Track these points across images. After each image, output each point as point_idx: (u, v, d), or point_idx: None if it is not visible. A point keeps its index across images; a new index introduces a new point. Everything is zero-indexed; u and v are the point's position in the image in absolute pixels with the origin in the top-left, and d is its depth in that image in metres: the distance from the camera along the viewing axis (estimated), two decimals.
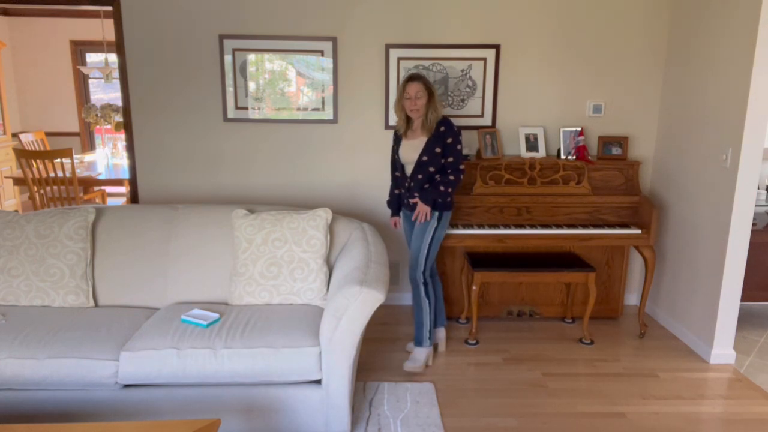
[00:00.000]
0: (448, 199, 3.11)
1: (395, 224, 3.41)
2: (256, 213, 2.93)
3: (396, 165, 3.26)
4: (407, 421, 2.71)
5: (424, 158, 3.05)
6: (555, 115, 3.94)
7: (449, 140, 3.05)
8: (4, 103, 6.82)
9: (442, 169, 3.08)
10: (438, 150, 3.04)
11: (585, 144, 3.80)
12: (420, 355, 3.19)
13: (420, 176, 3.09)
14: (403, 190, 3.23)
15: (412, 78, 3.01)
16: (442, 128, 3.05)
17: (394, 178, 3.34)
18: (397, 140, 3.23)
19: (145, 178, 3.97)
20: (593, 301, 3.52)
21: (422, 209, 3.06)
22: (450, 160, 3.06)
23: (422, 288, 3.16)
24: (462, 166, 3.10)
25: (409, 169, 3.14)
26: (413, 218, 3.11)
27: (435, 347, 3.43)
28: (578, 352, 3.48)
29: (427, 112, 3.02)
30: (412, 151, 3.10)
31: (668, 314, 3.84)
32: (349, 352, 2.43)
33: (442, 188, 3.06)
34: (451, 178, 3.07)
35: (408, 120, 3.12)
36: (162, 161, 3.93)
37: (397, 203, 3.36)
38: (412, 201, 3.13)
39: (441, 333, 3.46)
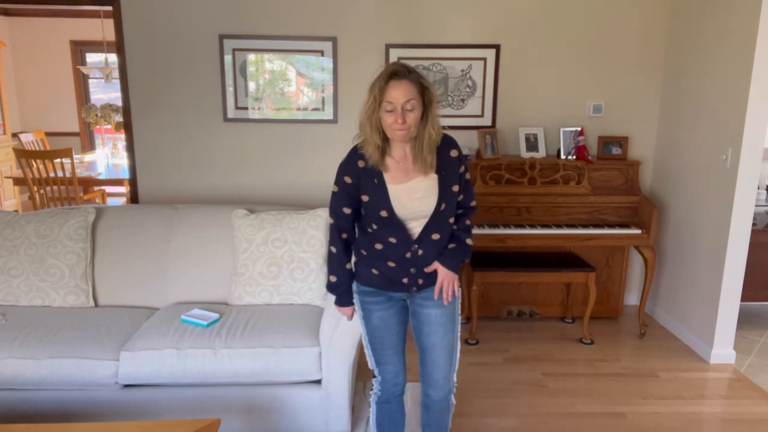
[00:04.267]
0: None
1: (352, 315, 2.11)
2: (256, 213, 2.93)
3: (345, 223, 1.97)
4: (407, 421, 2.70)
5: (443, 207, 1.92)
6: (555, 115, 3.94)
7: (462, 169, 1.98)
8: (4, 103, 6.82)
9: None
10: (455, 188, 1.95)
11: (585, 144, 3.80)
12: None
13: (437, 236, 1.94)
14: (393, 264, 1.94)
15: (397, 73, 1.78)
16: (453, 152, 1.95)
17: (341, 245, 1.99)
18: (369, 184, 1.90)
19: (145, 178, 3.96)
20: (593, 301, 3.52)
21: (450, 280, 1.95)
22: (461, 198, 2.00)
23: (453, 396, 2.16)
24: (474, 203, 2.06)
25: (414, 229, 1.93)
26: (436, 297, 1.97)
27: None
28: (578, 352, 3.48)
29: (422, 133, 1.84)
30: (418, 200, 1.90)
31: (668, 314, 3.84)
32: (349, 352, 2.43)
33: (469, 242, 2.00)
34: (468, 223, 2.04)
35: (383, 143, 1.87)
36: (162, 161, 3.93)
37: (350, 285, 2.04)
38: (428, 270, 1.96)
39: None
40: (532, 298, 3.91)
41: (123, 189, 6.98)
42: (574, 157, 3.78)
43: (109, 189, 6.94)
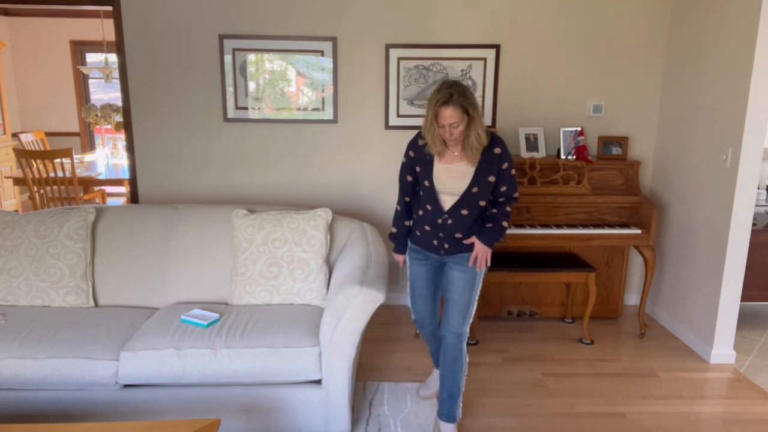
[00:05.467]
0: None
1: (403, 262, 2.69)
2: (256, 213, 2.93)
3: (407, 189, 2.55)
4: (407, 421, 2.71)
5: (474, 190, 2.38)
6: (555, 115, 3.94)
7: (505, 165, 2.39)
8: (4, 103, 6.82)
9: (491, 200, 2.48)
10: (491, 179, 2.39)
11: (585, 144, 3.80)
12: None
13: (465, 212, 2.41)
14: (428, 228, 2.47)
15: (446, 102, 2.22)
16: (497, 150, 2.37)
17: (404, 205, 2.59)
18: (423, 160, 2.43)
19: (145, 178, 3.97)
20: (593, 301, 3.52)
21: (484, 253, 2.43)
22: (504, 189, 2.43)
23: (464, 345, 2.55)
24: (517, 194, 2.48)
25: (447, 202, 2.42)
26: (471, 263, 2.44)
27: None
28: (578, 352, 3.48)
29: (468, 138, 2.31)
30: (454, 179, 2.38)
31: (668, 314, 3.84)
32: (349, 352, 2.43)
33: (505, 224, 2.46)
34: (508, 209, 2.48)
35: (443, 143, 2.39)
36: (162, 161, 3.94)
37: (405, 238, 2.62)
38: (467, 242, 2.45)
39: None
40: (532, 298, 3.91)
41: (123, 189, 6.99)
42: (574, 157, 3.78)
43: (109, 189, 6.95)
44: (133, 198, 4.01)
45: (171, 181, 3.97)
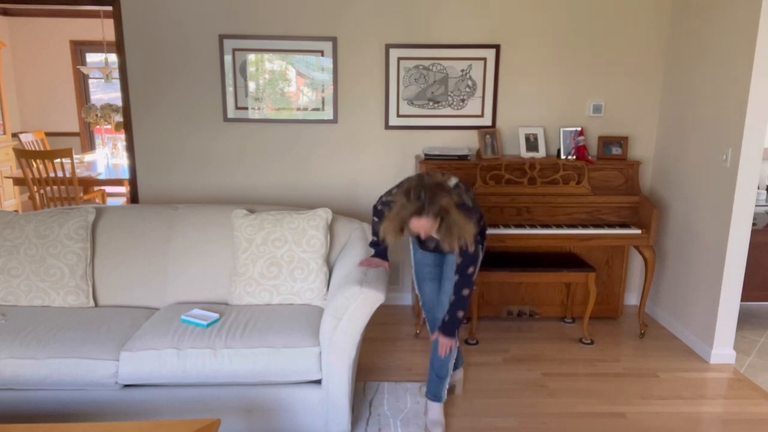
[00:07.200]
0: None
1: (369, 264, 2.63)
2: (256, 213, 2.93)
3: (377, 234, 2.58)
4: (407, 421, 2.71)
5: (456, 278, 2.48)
6: (555, 115, 3.94)
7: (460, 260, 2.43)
8: (4, 103, 6.82)
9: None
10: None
11: (585, 144, 3.80)
12: (438, 415, 2.65)
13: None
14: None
15: (418, 213, 2.17)
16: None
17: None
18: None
19: (145, 178, 3.97)
20: (593, 301, 3.52)
21: (447, 344, 2.50)
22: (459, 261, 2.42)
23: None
24: (471, 269, 2.42)
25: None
26: (441, 354, 2.53)
27: (452, 389, 2.99)
28: (578, 352, 3.48)
29: (447, 236, 2.27)
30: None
31: (668, 314, 3.84)
32: (349, 352, 2.43)
33: (460, 314, 2.45)
34: (465, 293, 2.43)
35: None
36: (162, 161, 3.94)
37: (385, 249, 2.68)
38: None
39: (459, 374, 2.99)
40: (532, 298, 3.91)
41: (123, 189, 6.99)
42: (574, 157, 3.78)
43: (109, 189, 6.95)
44: (133, 198, 4.01)
45: (171, 181, 3.97)
